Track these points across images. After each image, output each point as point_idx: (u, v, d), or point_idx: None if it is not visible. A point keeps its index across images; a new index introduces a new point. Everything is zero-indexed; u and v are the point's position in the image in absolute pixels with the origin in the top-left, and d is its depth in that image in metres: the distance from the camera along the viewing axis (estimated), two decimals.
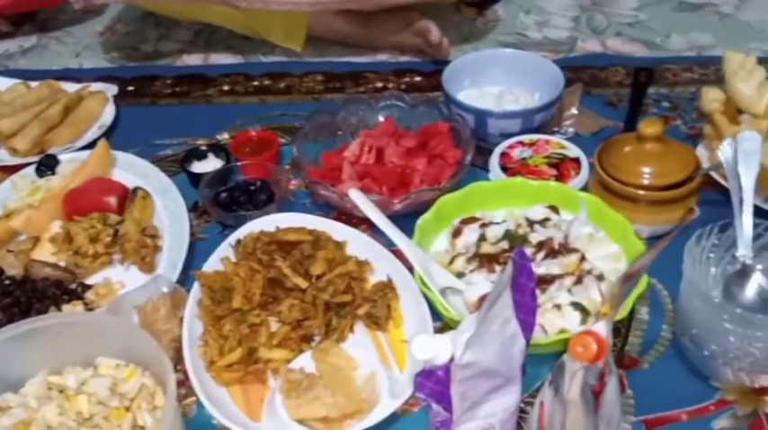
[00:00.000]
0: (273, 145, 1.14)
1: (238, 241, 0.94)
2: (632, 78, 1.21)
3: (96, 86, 1.30)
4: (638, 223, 0.91)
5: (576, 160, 1.03)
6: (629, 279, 0.62)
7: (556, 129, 1.17)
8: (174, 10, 1.38)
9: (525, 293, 0.62)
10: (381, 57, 1.42)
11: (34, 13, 1.57)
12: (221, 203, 1.05)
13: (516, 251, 0.64)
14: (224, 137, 1.21)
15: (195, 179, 1.09)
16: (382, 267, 0.92)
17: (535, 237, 0.90)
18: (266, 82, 1.36)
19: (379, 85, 1.35)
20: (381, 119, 1.14)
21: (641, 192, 0.95)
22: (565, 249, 0.88)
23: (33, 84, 1.31)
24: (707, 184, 0.98)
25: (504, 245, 0.90)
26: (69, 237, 0.97)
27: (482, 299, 0.83)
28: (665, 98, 1.25)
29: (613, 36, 1.45)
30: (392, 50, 1.42)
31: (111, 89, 1.29)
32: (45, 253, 0.97)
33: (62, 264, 0.96)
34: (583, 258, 0.87)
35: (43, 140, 1.18)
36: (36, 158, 1.13)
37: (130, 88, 1.35)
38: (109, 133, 1.21)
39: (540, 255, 0.88)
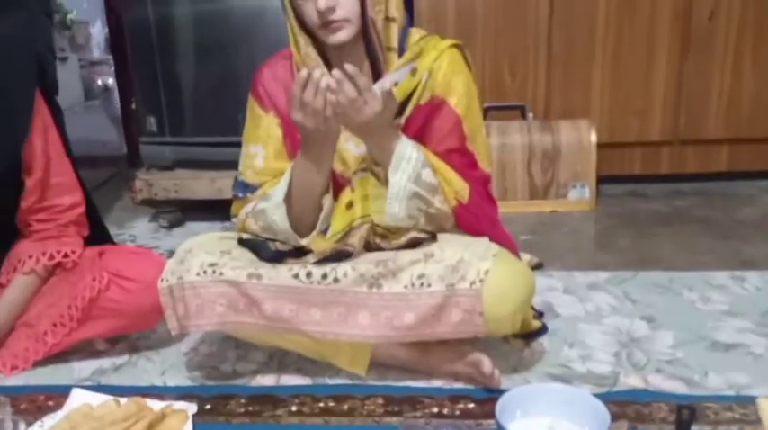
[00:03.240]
0: None
1: None
2: (676, 416, 1.28)
3: (178, 405, 1.42)
4: None
5: None
6: None
7: None
8: (255, 337, 1.56)
9: None
10: (437, 382, 1.53)
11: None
12: None
13: None
14: None
15: None
16: None
17: None
18: (331, 403, 1.47)
19: (435, 409, 1.44)
20: None
21: None
22: None
23: (122, 400, 1.44)
24: None
25: None
26: None
27: None
28: None
29: (654, 372, 1.54)
30: (447, 377, 1.54)
31: (192, 408, 1.41)
32: None
33: None
34: None
35: None
36: None
37: (208, 406, 1.47)
38: None
39: None
